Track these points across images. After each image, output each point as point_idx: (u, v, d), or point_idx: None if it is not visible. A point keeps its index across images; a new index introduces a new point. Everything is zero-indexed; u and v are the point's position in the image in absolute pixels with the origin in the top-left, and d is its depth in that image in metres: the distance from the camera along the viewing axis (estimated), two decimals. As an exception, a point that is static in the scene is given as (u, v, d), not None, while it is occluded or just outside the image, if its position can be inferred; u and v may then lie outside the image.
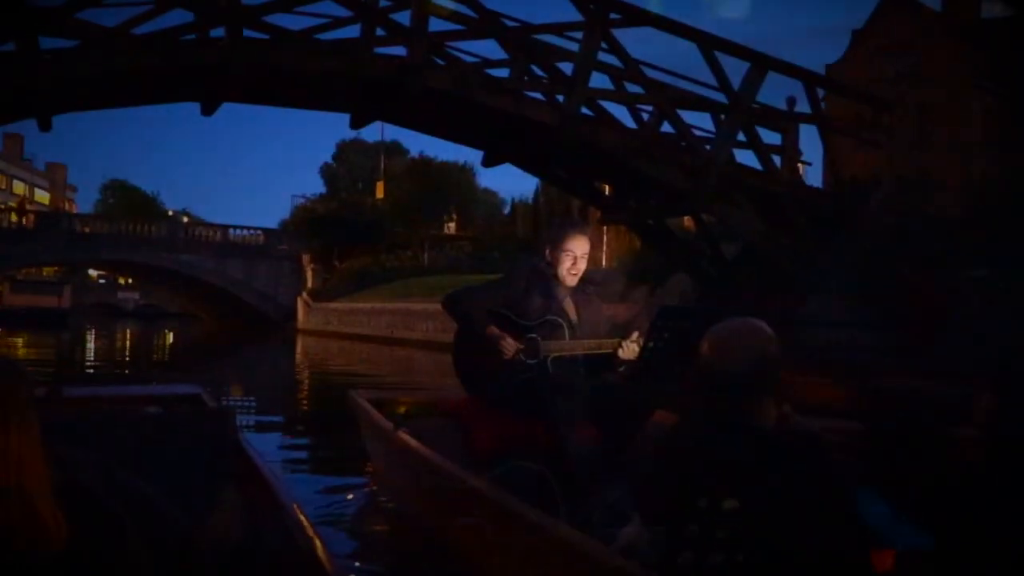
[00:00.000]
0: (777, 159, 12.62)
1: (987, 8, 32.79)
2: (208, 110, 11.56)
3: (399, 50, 11.01)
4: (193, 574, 1.94)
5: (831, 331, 11.45)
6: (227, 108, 11.71)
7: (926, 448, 2.33)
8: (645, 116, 12.42)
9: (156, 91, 11.69)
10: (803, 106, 13.21)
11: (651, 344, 3.82)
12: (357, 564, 4.00)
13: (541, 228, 36.34)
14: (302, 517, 2.43)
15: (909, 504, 2.24)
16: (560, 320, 4.11)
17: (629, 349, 3.98)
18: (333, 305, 37.88)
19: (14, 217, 47.66)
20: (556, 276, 4.15)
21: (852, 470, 2.40)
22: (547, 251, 4.20)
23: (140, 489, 1.99)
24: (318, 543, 2.21)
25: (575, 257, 4.13)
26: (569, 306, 4.17)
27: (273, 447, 7.46)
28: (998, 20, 31.86)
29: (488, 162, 13.78)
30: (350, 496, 5.39)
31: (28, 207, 60.46)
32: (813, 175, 36.17)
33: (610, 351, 4.05)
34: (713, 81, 11.86)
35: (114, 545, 1.58)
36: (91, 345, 29.14)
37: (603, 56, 11.54)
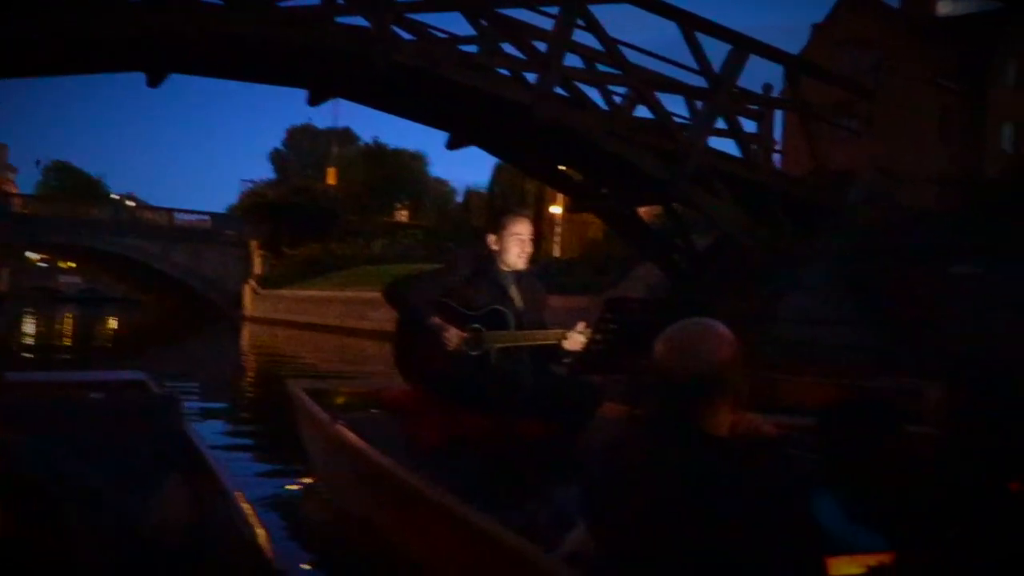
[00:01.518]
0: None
1: (941, 6, 34.24)
2: (154, 81, 11.32)
3: (364, 24, 10.91)
4: (137, 560, 2.03)
5: (811, 328, 11.53)
6: (175, 90, 11.53)
7: (877, 445, 2.43)
8: (618, 99, 12.43)
9: (101, 59, 11.36)
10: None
11: (598, 336, 3.90)
12: (298, 553, 4.06)
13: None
14: (245, 505, 2.53)
15: (862, 504, 2.32)
16: (505, 309, 4.17)
17: (574, 340, 4.07)
18: (282, 292, 37.86)
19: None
20: (504, 262, 4.25)
21: (809, 472, 2.47)
22: (492, 239, 4.29)
23: (84, 476, 2.07)
24: (261, 531, 2.30)
25: (523, 240, 4.25)
26: (515, 293, 4.25)
27: (215, 434, 7.51)
28: (954, 18, 33.58)
29: (453, 144, 13.70)
30: (290, 486, 5.47)
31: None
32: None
33: (555, 342, 4.13)
34: (691, 64, 11.94)
35: (55, 533, 1.66)
36: (30, 330, 28.85)
37: (577, 35, 11.49)
